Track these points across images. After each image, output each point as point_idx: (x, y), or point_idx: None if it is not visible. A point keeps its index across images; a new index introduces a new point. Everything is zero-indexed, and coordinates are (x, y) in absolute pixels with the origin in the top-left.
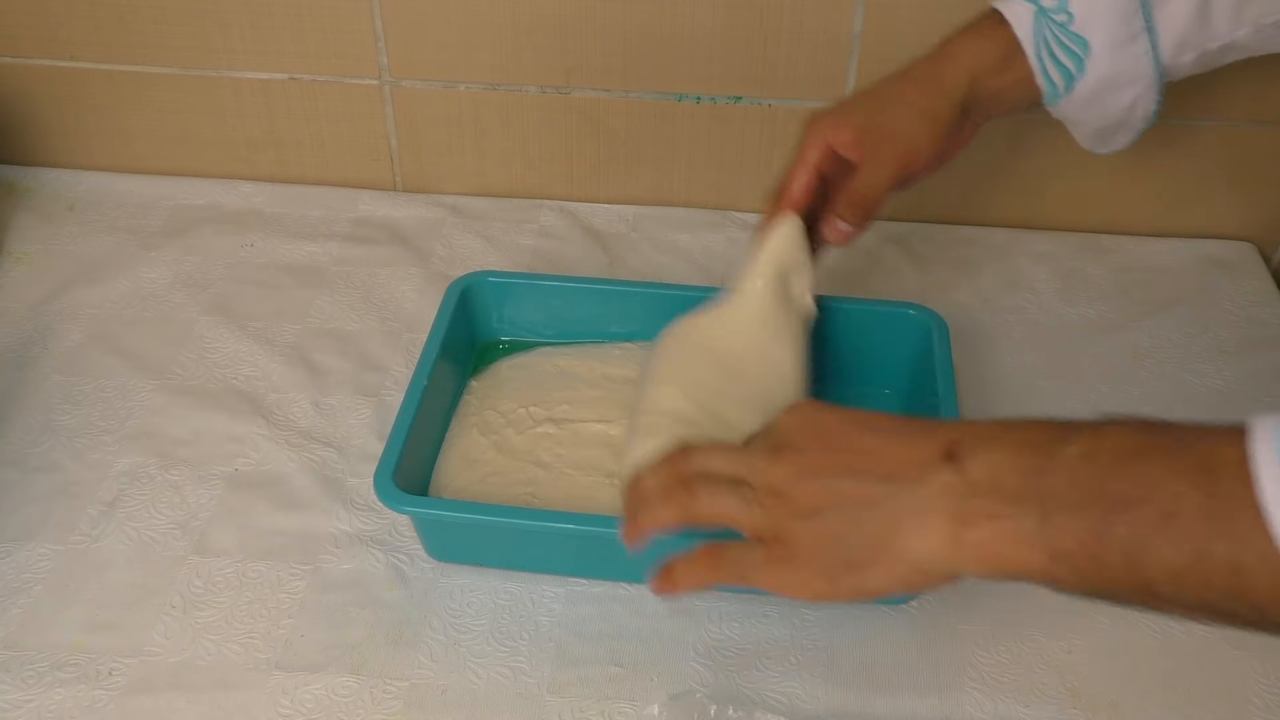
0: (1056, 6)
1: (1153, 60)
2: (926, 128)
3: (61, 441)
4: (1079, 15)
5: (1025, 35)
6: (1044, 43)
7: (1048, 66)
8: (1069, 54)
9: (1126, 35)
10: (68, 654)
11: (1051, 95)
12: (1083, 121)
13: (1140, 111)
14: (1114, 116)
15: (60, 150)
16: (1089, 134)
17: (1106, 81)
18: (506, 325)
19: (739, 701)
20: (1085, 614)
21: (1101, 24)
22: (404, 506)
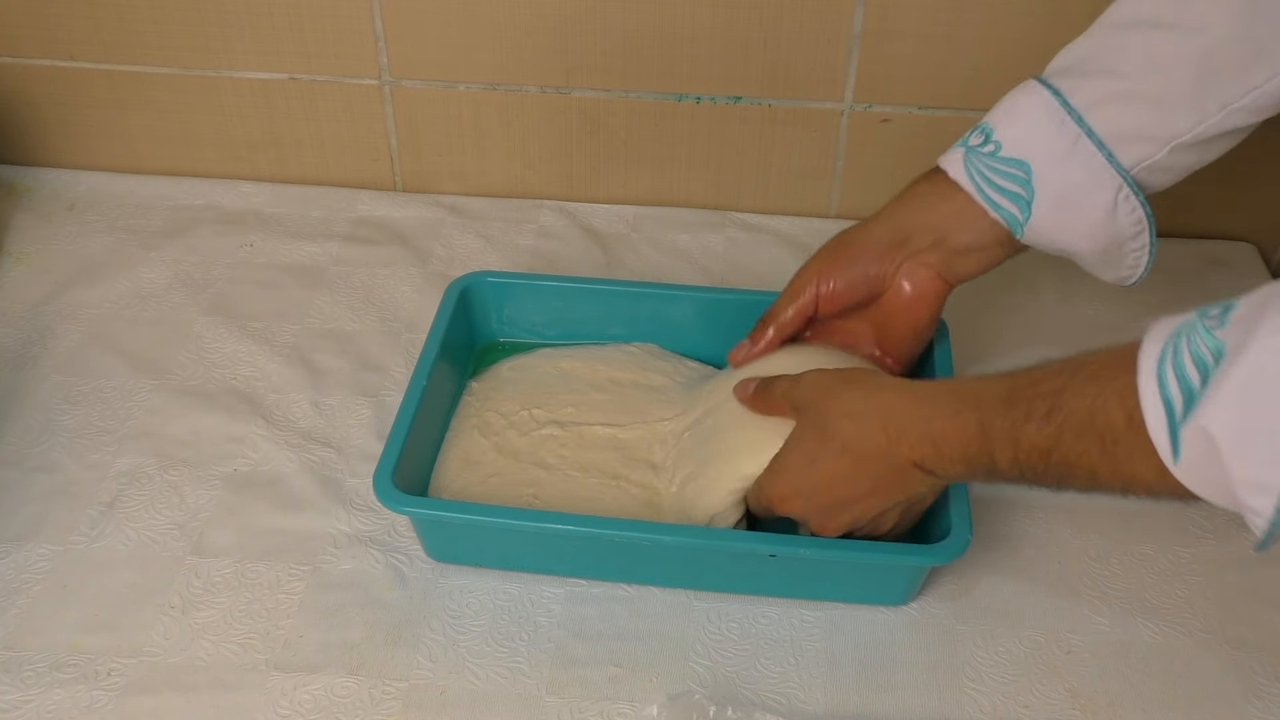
0: (982, 141)
1: (1107, 161)
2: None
3: (61, 442)
4: (1007, 142)
5: (958, 173)
6: (981, 176)
7: (994, 198)
8: (1010, 179)
9: (1065, 144)
10: (67, 654)
11: (1013, 224)
12: (1072, 247)
13: (1127, 220)
14: (1103, 234)
15: (60, 150)
16: (1093, 261)
17: (1065, 195)
18: (506, 325)
19: (738, 702)
20: (1085, 614)
21: (1033, 141)
22: (403, 507)
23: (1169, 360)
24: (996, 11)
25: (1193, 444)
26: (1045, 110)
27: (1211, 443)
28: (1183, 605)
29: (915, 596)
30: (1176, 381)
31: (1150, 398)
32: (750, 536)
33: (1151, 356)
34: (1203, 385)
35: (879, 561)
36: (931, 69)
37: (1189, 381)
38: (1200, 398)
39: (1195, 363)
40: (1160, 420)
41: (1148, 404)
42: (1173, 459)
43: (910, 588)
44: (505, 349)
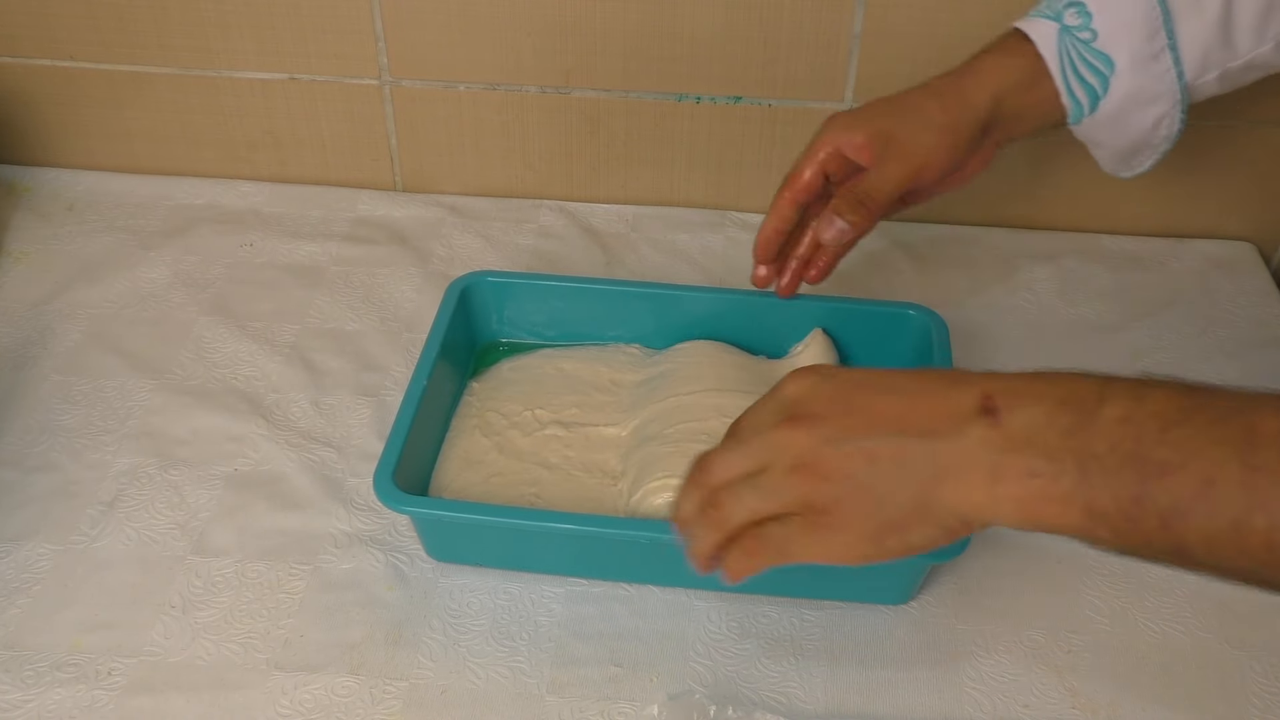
0: (1080, 24)
1: (1176, 78)
2: (943, 140)
3: (61, 441)
4: (1102, 32)
5: (1050, 53)
6: (1069, 60)
7: (1072, 85)
8: (1093, 71)
9: (1149, 53)
10: (67, 654)
11: (1076, 114)
12: (1105, 142)
13: (1164, 132)
14: (1137, 137)
15: (59, 150)
16: (1111, 156)
17: (1130, 100)
18: (506, 326)
19: (738, 702)
20: (1085, 615)
21: (1125, 41)
22: (403, 506)
23: None
24: (997, 12)
25: None
26: (1145, 10)
27: None
28: (1183, 605)
29: (915, 596)
30: None
31: None
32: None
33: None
34: None
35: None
36: (931, 69)
37: None
38: None
39: None
40: None
41: None
42: None
43: (910, 586)
44: (505, 349)
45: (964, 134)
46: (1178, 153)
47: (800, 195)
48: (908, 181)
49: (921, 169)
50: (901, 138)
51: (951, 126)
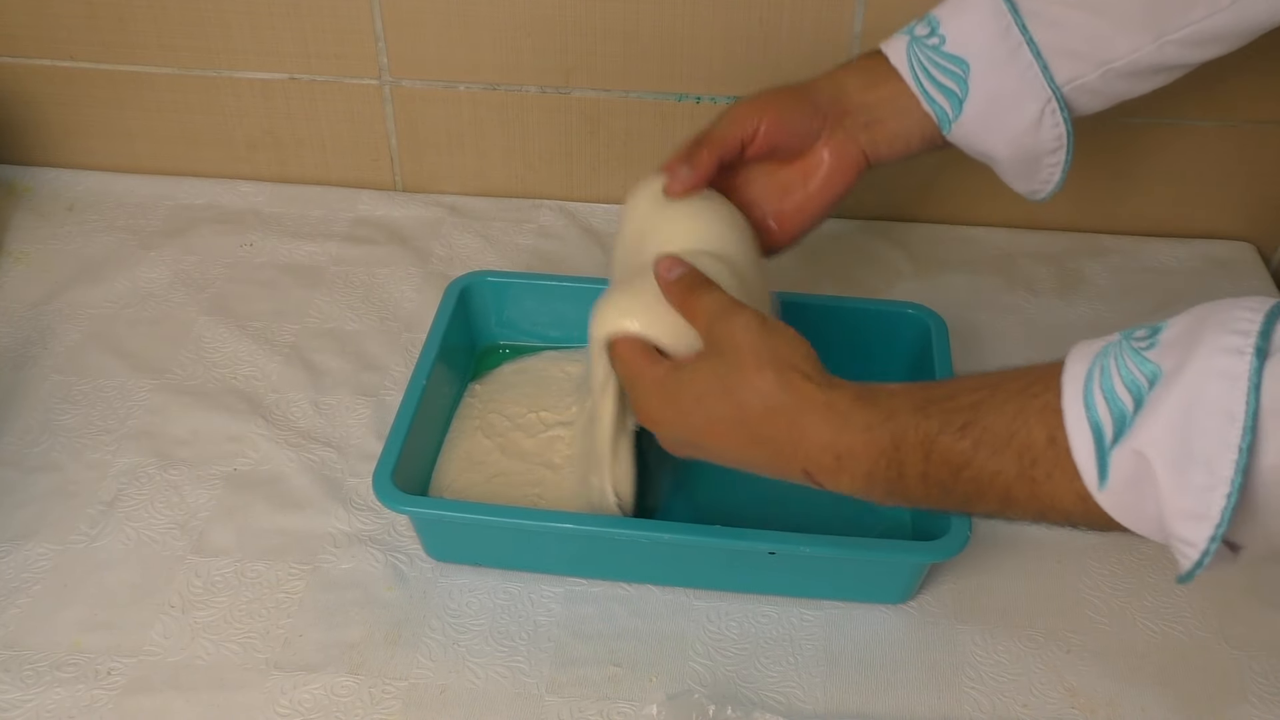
0: (928, 32)
1: (1041, 74)
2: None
3: (60, 441)
4: (951, 36)
5: (899, 60)
6: (920, 66)
7: (929, 90)
8: (948, 74)
9: (1006, 50)
10: (67, 654)
11: (943, 119)
12: (992, 152)
13: (1049, 134)
14: (1023, 143)
15: (60, 150)
16: (1009, 168)
17: (996, 99)
18: (506, 326)
19: (737, 701)
20: (1084, 614)
21: (976, 41)
22: (402, 506)
23: (1096, 381)
24: None
25: (1122, 468)
26: (994, 12)
27: (1146, 467)
28: (1182, 604)
29: (915, 595)
30: (1106, 404)
31: (1075, 418)
32: (749, 534)
33: (1077, 377)
34: (1136, 409)
35: (879, 559)
36: None
37: (1120, 404)
38: (1133, 421)
39: (1126, 384)
40: (1086, 442)
41: (1072, 424)
42: (1098, 484)
43: (910, 585)
44: (506, 351)
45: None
46: (1178, 153)
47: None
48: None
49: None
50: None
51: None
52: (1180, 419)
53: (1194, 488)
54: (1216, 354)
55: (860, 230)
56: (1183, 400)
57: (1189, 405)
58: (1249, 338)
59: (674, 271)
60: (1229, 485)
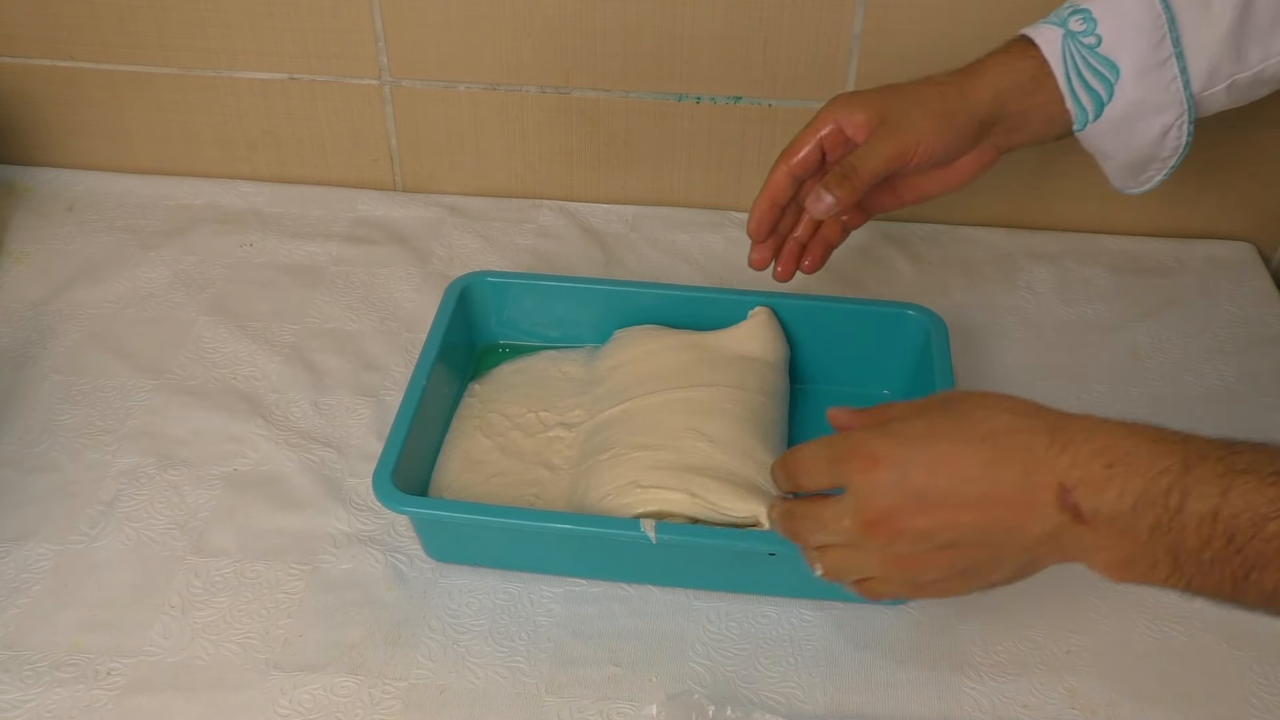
0: (1085, 30)
1: (1183, 88)
2: (935, 125)
3: (60, 441)
4: (1107, 38)
5: (1054, 56)
6: (1072, 65)
7: (1076, 89)
8: (1098, 77)
9: (1156, 60)
10: (66, 654)
11: (1081, 120)
12: (1112, 153)
13: (1171, 144)
14: (1143, 149)
15: (59, 150)
16: (1119, 168)
17: (1136, 108)
18: (506, 326)
19: (737, 702)
20: (1084, 614)
21: (1130, 48)
22: (402, 506)
23: None
24: (996, 12)
25: None
26: (1151, 18)
27: None
28: (1182, 604)
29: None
30: None
31: None
32: (749, 535)
33: None
34: None
35: None
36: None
37: None
38: None
39: None
40: None
41: None
42: None
43: None
44: (506, 352)
45: (958, 122)
46: None
47: (797, 168)
48: (895, 159)
49: (910, 148)
50: (895, 117)
51: (947, 113)
52: None
53: None
54: None
55: (860, 230)
56: None
57: None
58: None
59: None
60: None
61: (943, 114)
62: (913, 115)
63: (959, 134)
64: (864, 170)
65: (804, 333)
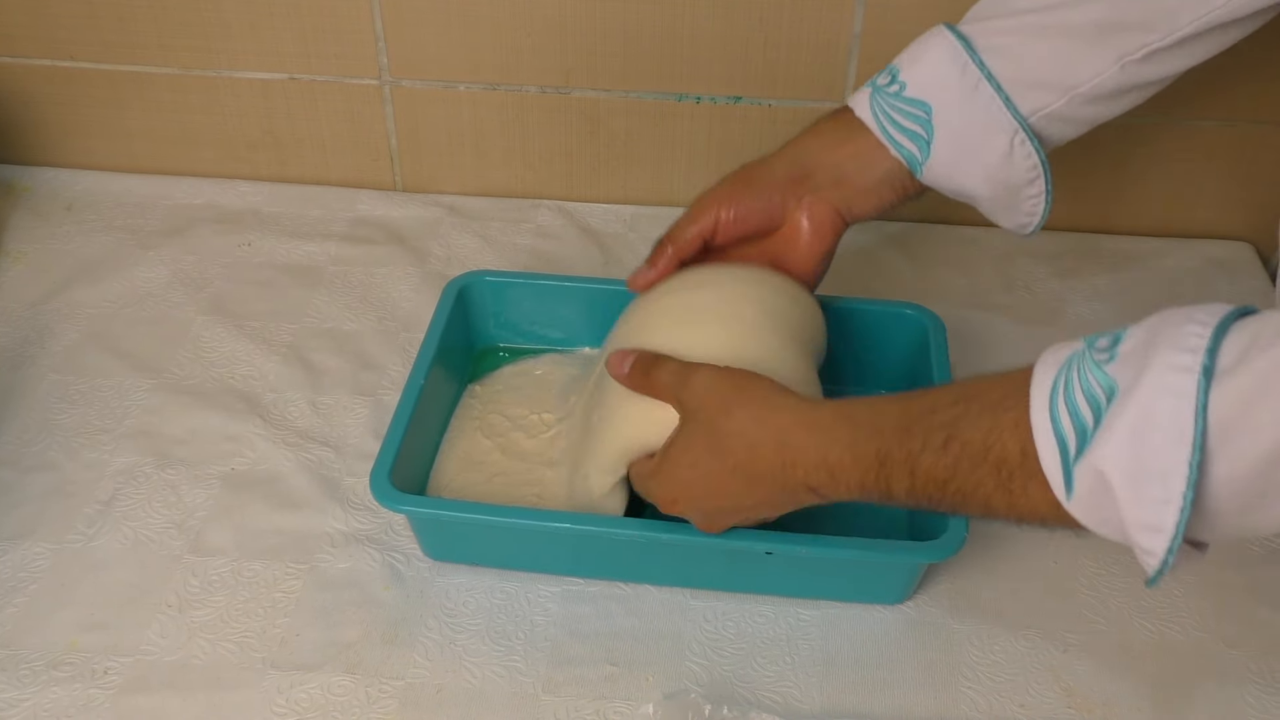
0: (889, 81)
1: (1004, 105)
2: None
3: (58, 441)
4: (911, 83)
5: (864, 112)
6: (884, 114)
7: (895, 136)
8: (911, 119)
9: (965, 88)
10: (63, 653)
11: (912, 162)
12: (971, 191)
13: (1023, 165)
14: (999, 178)
15: (58, 150)
16: (993, 205)
17: (963, 137)
18: (504, 327)
19: (734, 701)
20: (1081, 614)
21: (935, 83)
22: (399, 505)
23: (1060, 394)
24: None
25: (1085, 482)
26: (950, 53)
27: (1105, 482)
28: (1179, 604)
29: (911, 595)
30: (1069, 417)
31: (1043, 433)
32: (746, 534)
33: (1043, 389)
34: (1095, 423)
35: (874, 559)
36: None
37: (1082, 418)
38: (1093, 436)
39: (1087, 399)
40: (1054, 456)
41: (1041, 440)
42: (1066, 495)
43: (906, 586)
44: (505, 355)
45: (755, 184)
46: (1178, 153)
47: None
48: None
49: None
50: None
51: (744, 179)
52: (1134, 436)
53: (1150, 501)
54: (1167, 372)
55: (860, 230)
56: (1136, 418)
57: (1142, 423)
58: (1197, 355)
59: (625, 364)
60: (1181, 500)
61: (739, 180)
62: (713, 187)
63: (756, 194)
64: (679, 239)
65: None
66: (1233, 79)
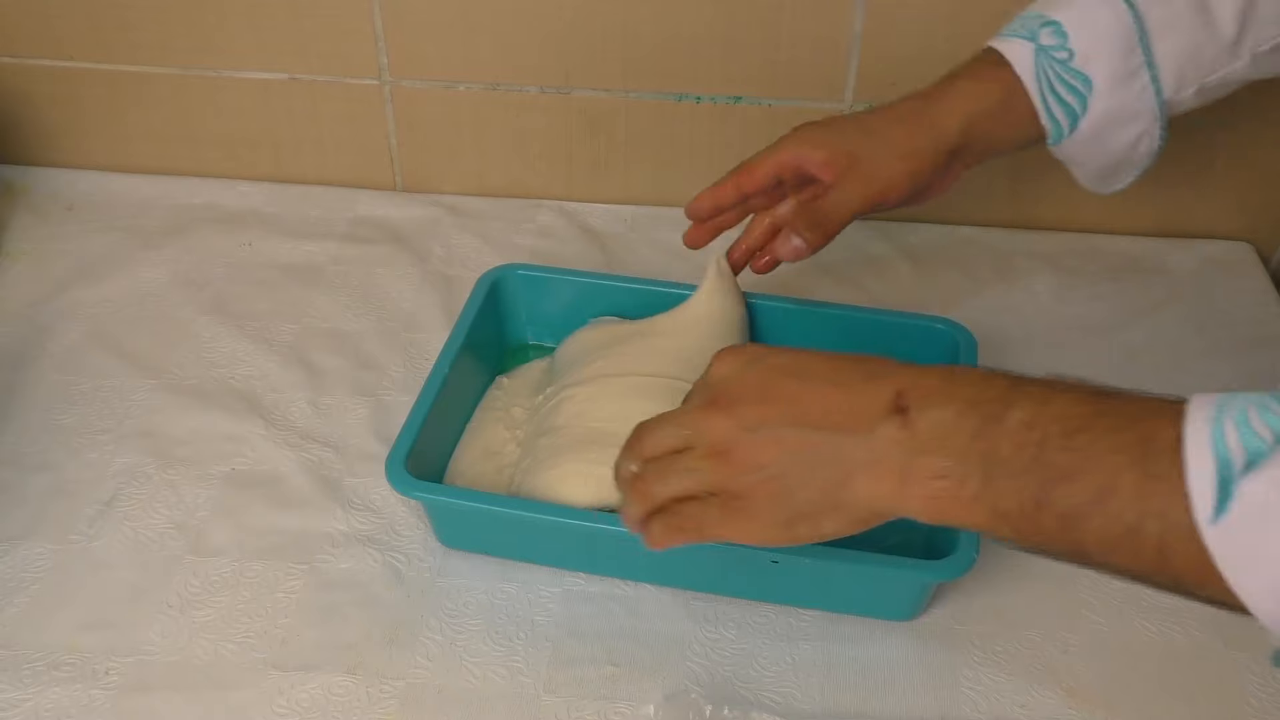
0: (1057, 44)
1: (1154, 95)
2: (906, 166)
3: (59, 440)
4: (1079, 52)
5: (1027, 74)
6: (1046, 81)
7: (1051, 106)
8: (1071, 91)
9: (1127, 70)
10: (64, 653)
11: (1056, 135)
12: (1085, 161)
13: (1144, 149)
14: (1117, 155)
15: (59, 150)
16: (1091, 173)
17: (1109, 118)
18: (534, 322)
19: (734, 701)
20: (1082, 614)
21: (1103, 60)
22: (413, 492)
23: (1229, 415)
24: (996, 12)
25: (1251, 498)
26: (1121, 29)
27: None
28: (1180, 604)
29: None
30: (1237, 434)
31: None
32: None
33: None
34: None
35: (881, 574)
36: (931, 69)
37: (1256, 438)
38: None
39: (1269, 424)
40: (1207, 468)
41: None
42: (1212, 513)
43: (915, 604)
44: (537, 351)
45: (928, 161)
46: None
47: (747, 186)
48: (867, 206)
49: (883, 194)
50: (864, 161)
51: (916, 153)
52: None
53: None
54: None
55: (860, 230)
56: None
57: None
58: None
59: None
60: None
61: (911, 153)
62: (881, 158)
63: (929, 170)
64: (836, 217)
65: (827, 340)
66: None
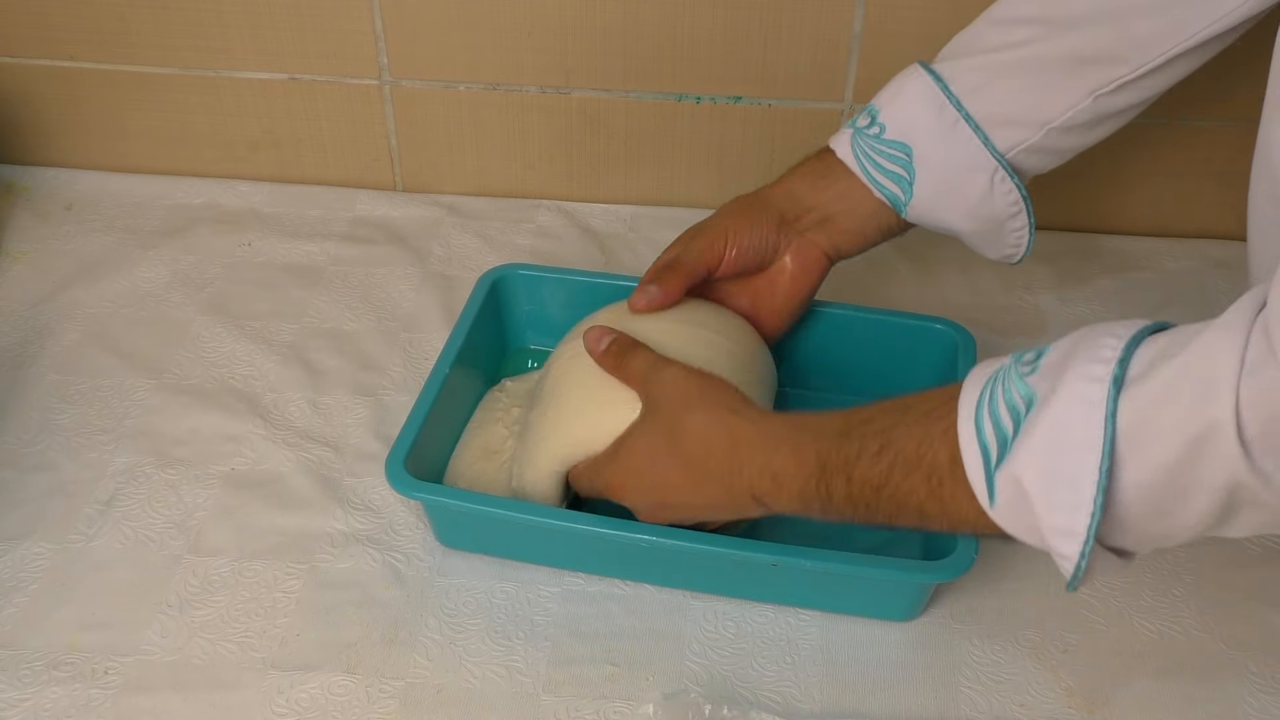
0: (869, 123)
1: (983, 144)
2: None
3: (58, 440)
4: (890, 124)
5: (846, 154)
6: (866, 157)
7: (877, 177)
8: (894, 160)
9: (943, 128)
10: (63, 653)
11: (897, 202)
12: (955, 225)
13: (1005, 200)
14: (982, 214)
15: (58, 150)
16: (979, 240)
17: (944, 175)
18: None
19: (734, 701)
20: (1081, 613)
21: (914, 124)
22: (413, 492)
23: (985, 405)
24: None
25: (1006, 490)
26: (927, 94)
27: (1022, 489)
28: (1179, 604)
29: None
30: (992, 427)
31: (968, 443)
32: (752, 545)
33: (970, 401)
34: (1015, 433)
35: (879, 576)
36: None
37: (1003, 428)
38: (1012, 445)
39: (1009, 409)
40: (978, 465)
41: (966, 449)
42: (989, 503)
43: (915, 605)
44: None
45: (755, 215)
46: (1178, 153)
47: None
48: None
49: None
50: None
51: (744, 210)
52: (1048, 444)
53: (1063, 507)
54: (1080, 382)
55: None
56: (1050, 426)
57: (1055, 431)
58: (1108, 365)
59: (604, 341)
60: (1092, 505)
61: (740, 211)
62: (717, 218)
63: (756, 224)
64: (689, 268)
65: (830, 341)
66: (1232, 80)
